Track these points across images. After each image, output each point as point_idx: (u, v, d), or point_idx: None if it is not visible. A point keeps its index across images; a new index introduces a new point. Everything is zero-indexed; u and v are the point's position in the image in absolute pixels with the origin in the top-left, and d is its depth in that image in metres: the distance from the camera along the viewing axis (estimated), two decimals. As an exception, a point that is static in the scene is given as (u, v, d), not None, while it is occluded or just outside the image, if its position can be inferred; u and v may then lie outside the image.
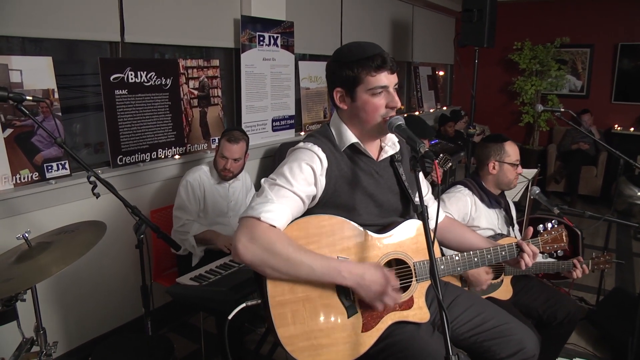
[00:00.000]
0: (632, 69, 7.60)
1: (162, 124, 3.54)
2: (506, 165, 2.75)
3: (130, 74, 3.27)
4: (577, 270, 2.74)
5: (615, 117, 7.71)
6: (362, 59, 1.67)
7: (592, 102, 7.76)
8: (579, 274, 2.75)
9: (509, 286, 2.70)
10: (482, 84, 7.70)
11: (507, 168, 2.76)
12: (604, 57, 7.78)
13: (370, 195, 1.77)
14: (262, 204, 1.58)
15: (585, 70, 7.96)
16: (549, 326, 2.73)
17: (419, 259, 1.78)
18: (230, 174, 3.23)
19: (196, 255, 3.14)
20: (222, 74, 4.10)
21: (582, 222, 4.94)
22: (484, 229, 2.74)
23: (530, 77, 7.81)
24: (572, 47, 7.85)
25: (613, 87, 7.75)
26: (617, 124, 7.67)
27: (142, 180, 3.44)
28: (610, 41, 7.68)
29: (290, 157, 1.72)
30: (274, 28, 4.33)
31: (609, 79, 7.78)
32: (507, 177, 2.77)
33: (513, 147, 2.79)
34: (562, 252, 2.19)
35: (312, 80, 5.04)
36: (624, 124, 7.63)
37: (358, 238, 1.70)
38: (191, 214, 3.19)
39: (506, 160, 2.75)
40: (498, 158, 2.77)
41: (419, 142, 1.48)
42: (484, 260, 1.92)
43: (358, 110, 1.71)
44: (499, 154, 2.77)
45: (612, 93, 7.77)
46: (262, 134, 4.44)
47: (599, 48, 7.81)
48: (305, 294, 1.62)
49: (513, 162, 2.75)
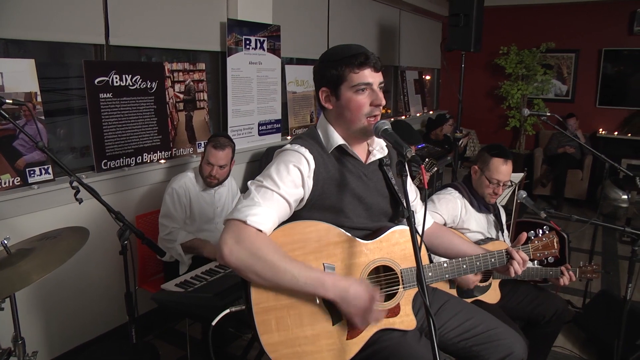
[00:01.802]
0: (616, 73, 7.71)
1: (148, 128, 3.50)
2: (483, 177, 2.75)
3: (115, 77, 3.23)
4: (564, 277, 2.74)
5: (600, 121, 7.81)
6: (346, 57, 1.67)
7: (578, 107, 7.82)
8: (566, 282, 2.75)
9: (497, 290, 2.71)
10: (469, 88, 7.76)
11: (483, 180, 2.75)
12: (588, 62, 7.87)
13: (359, 198, 1.76)
14: (248, 206, 1.56)
15: (571, 75, 8.04)
16: (537, 325, 2.75)
17: (406, 265, 1.77)
18: (216, 181, 3.19)
19: (184, 263, 3.11)
20: (208, 78, 4.07)
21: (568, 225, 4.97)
22: (474, 232, 2.75)
23: (517, 82, 7.86)
24: (557, 52, 7.92)
25: (597, 92, 7.85)
26: (601, 127, 7.77)
27: (127, 185, 3.40)
28: (594, 46, 7.77)
29: (277, 158, 1.71)
30: (260, 32, 4.31)
31: (594, 83, 7.87)
32: (481, 187, 2.77)
33: (498, 165, 2.71)
34: (553, 259, 2.18)
35: (298, 84, 5.03)
36: (609, 128, 7.73)
37: (345, 244, 1.68)
38: (177, 222, 3.15)
39: (485, 172, 2.74)
40: (481, 167, 2.77)
41: (405, 147, 1.48)
42: (473, 267, 1.91)
43: (343, 109, 1.70)
44: (483, 163, 2.77)
45: (597, 97, 7.86)
46: (248, 138, 4.42)
47: (583, 53, 7.90)
48: (290, 300, 1.60)
49: (489, 178, 2.72)
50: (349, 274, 1.68)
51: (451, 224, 2.75)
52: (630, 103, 7.60)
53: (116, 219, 2.18)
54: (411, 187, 2.09)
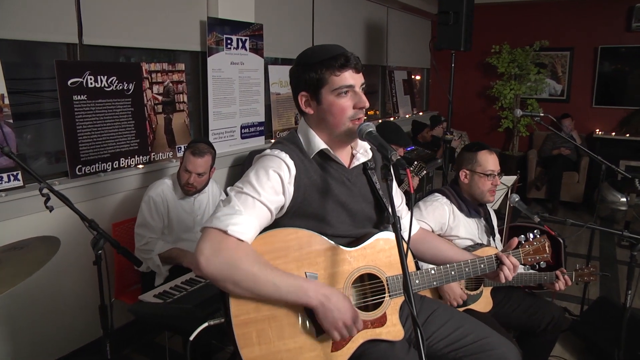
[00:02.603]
0: (613, 72, 7.75)
1: (125, 131, 3.48)
2: (477, 176, 2.73)
3: (89, 78, 3.21)
4: (559, 282, 2.73)
5: (596, 122, 7.86)
6: (325, 59, 1.66)
7: (573, 107, 7.88)
8: (562, 286, 2.74)
9: (488, 298, 2.70)
10: (460, 88, 7.80)
11: (478, 178, 2.73)
12: (584, 61, 7.93)
13: (342, 204, 1.75)
14: (229, 215, 1.54)
15: (566, 74, 8.10)
16: (533, 334, 2.74)
17: (392, 273, 1.76)
18: (193, 189, 3.16)
19: (161, 274, 3.08)
20: (188, 79, 4.06)
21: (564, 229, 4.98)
22: (463, 238, 2.74)
23: (509, 81, 7.91)
24: (551, 50, 7.98)
25: (594, 91, 7.90)
26: (598, 128, 7.82)
27: (103, 192, 3.37)
28: (590, 44, 7.83)
29: (257, 164, 1.70)
30: (242, 30, 4.31)
31: (590, 82, 7.92)
32: (479, 187, 2.74)
33: (486, 156, 2.74)
34: (545, 264, 2.19)
35: (282, 85, 5.02)
36: (606, 128, 7.79)
37: (327, 252, 1.67)
38: (154, 232, 3.13)
39: (477, 169, 2.73)
40: (469, 167, 2.76)
41: (390, 150, 1.47)
42: (462, 273, 1.91)
43: (325, 114, 1.70)
44: (470, 163, 2.76)
45: (593, 97, 7.91)
46: (230, 142, 4.41)
47: (579, 51, 7.95)
48: (271, 312, 1.59)
49: (484, 172, 2.72)
50: (333, 282, 1.67)
51: (439, 231, 2.74)
52: (628, 102, 7.64)
53: (90, 227, 2.15)
54: (397, 192, 2.10)
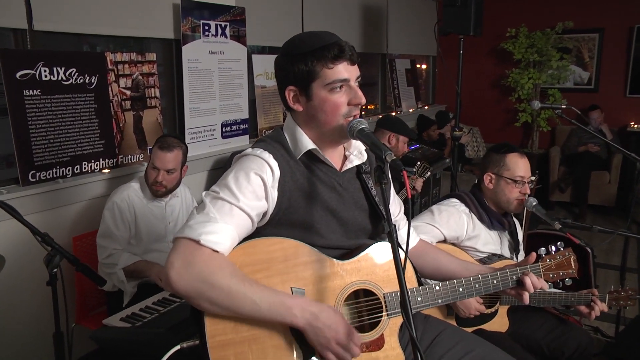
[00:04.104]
0: (651, 55, 7.63)
1: (87, 131, 3.47)
2: (503, 181, 2.72)
3: (43, 70, 3.18)
4: (593, 311, 2.71)
5: (630, 113, 7.78)
6: (316, 49, 1.66)
7: (602, 97, 7.82)
8: (597, 314, 2.71)
9: (504, 317, 2.69)
10: (470, 78, 7.79)
11: (505, 184, 2.72)
12: (615, 43, 7.85)
13: (332, 212, 1.75)
14: (202, 223, 1.55)
15: (593, 60, 8.05)
16: None
17: (390, 289, 1.76)
18: (163, 189, 3.17)
19: (127, 292, 3.07)
20: (160, 71, 4.06)
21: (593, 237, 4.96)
22: (481, 252, 2.73)
23: (527, 69, 7.89)
24: (576, 32, 7.93)
25: (628, 79, 7.81)
26: (632, 121, 7.74)
27: (62, 201, 3.35)
28: (623, 24, 7.73)
29: (237, 165, 1.71)
30: (221, 15, 4.31)
31: (623, 68, 7.85)
32: (505, 194, 2.72)
33: (516, 159, 2.73)
34: (570, 281, 2.18)
35: (268, 77, 5.03)
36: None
37: (316, 265, 1.67)
38: (119, 242, 3.13)
39: (504, 174, 2.71)
40: (495, 170, 2.75)
41: (384, 150, 1.48)
42: (471, 290, 1.90)
43: (315, 111, 1.70)
44: (497, 166, 2.74)
45: (627, 85, 7.83)
46: (210, 142, 4.41)
47: (609, 32, 7.87)
48: (252, 332, 1.58)
49: (512, 178, 2.70)
50: (322, 299, 1.67)
51: (453, 240, 2.73)
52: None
53: (43, 242, 2.14)
54: (394, 199, 2.09)
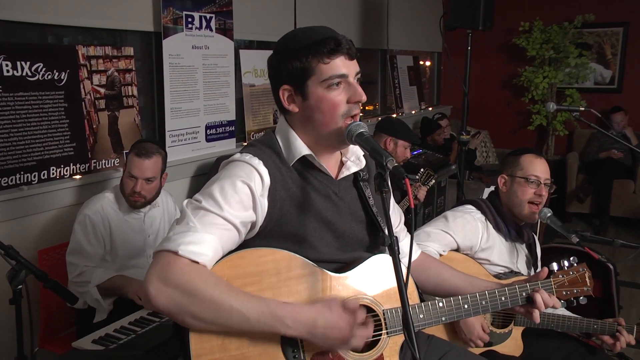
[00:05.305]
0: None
1: (56, 133, 3.47)
2: (517, 181, 2.75)
3: (4, 64, 3.17)
4: (618, 342, 2.68)
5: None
6: (311, 44, 1.68)
7: (626, 98, 7.84)
8: (623, 345, 2.69)
9: (518, 340, 2.68)
10: (479, 77, 7.79)
11: (517, 185, 2.75)
12: (642, 39, 7.84)
13: (327, 223, 1.77)
14: (181, 233, 1.56)
15: (617, 57, 8.08)
16: None
17: (390, 305, 1.78)
18: (142, 200, 3.17)
19: (103, 310, 3.06)
20: (138, 67, 4.06)
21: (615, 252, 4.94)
22: (495, 264, 2.74)
23: (542, 68, 7.91)
24: (598, 26, 7.95)
25: (656, 78, 7.80)
26: (661, 124, 7.72)
27: (26, 210, 3.34)
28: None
29: (223, 172, 1.71)
30: (206, 6, 4.32)
31: (650, 66, 7.83)
32: (517, 196, 2.75)
33: (531, 159, 2.76)
34: (585, 299, 2.20)
35: (257, 74, 5.04)
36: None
37: (310, 278, 1.68)
38: (91, 259, 3.12)
39: (517, 174, 2.75)
40: (509, 172, 2.79)
41: (385, 156, 1.50)
42: (477, 307, 1.92)
43: (312, 111, 1.72)
44: (511, 167, 2.79)
45: (655, 85, 7.81)
46: (193, 145, 4.41)
47: (635, 27, 7.89)
48: (241, 351, 1.59)
49: (527, 176, 2.73)
50: None
51: (466, 250, 2.75)
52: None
53: (6, 255, 2.14)
54: (394, 208, 2.11)
